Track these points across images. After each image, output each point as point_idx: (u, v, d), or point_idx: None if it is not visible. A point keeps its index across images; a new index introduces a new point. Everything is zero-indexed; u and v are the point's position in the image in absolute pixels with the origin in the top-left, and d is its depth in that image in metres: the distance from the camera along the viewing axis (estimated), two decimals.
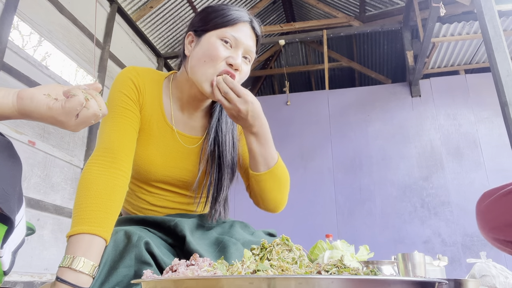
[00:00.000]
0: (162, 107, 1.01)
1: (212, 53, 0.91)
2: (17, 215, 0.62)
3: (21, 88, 2.98)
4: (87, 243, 0.78)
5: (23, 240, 0.69)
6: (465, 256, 3.70)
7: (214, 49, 0.91)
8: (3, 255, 0.62)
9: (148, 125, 1.00)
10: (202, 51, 0.93)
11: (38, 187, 3.05)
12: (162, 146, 1.01)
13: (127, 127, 0.93)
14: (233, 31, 0.93)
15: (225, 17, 0.94)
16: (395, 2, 5.09)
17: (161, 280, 0.52)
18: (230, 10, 0.96)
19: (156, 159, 1.00)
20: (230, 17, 0.94)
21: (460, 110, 4.27)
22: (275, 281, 0.44)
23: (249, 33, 0.96)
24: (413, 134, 4.29)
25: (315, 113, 4.62)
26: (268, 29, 5.63)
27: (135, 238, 0.83)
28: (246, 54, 0.96)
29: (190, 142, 1.04)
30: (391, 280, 0.47)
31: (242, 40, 0.94)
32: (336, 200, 4.19)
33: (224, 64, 0.92)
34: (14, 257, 0.68)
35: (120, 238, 0.85)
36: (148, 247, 0.82)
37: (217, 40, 0.93)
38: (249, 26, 0.97)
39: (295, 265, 0.61)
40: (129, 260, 0.81)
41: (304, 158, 4.44)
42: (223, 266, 0.58)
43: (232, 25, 0.94)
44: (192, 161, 1.04)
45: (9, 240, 0.61)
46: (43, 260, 3.03)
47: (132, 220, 0.99)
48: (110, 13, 4.16)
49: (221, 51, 0.91)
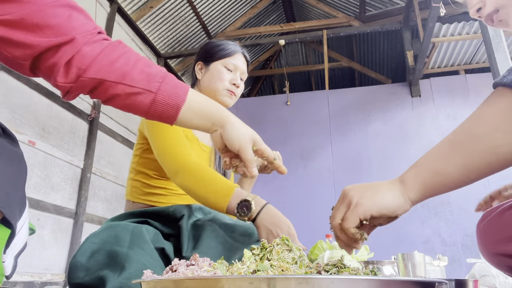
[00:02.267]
0: None
1: (221, 77, 1.30)
2: (20, 219, 0.61)
3: (21, 87, 2.97)
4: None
5: (26, 244, 0.69)
6: (465, 256, 3.70)
7: (221, 74, 1.30)
8: (5, 259, 0.61)
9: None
10: (212, 76, 1.31)
11: (38, 187, 3.05)
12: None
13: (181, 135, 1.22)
14: (232, 60, 1.31)
15: (226, 51, 1.32)
16: (395, 2, 5.09)
17: (161, 280, 0.52)
18: (228, 44, 1.34)
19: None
20: (229, 50, 1.32)
21: (460, 110, 4.27)
22: (275, 281, 0.44)
23: (243, 60, 1.35)
24: (413, 134, 4.29)
25: (315, 113, 4.62)
26: (268, 29, 5.63)
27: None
28: (241, 75, 1.34)
29: (205, 147, 1.33)
30: (391, 280, 0.47)
31: (239, 65, 1.33)
32: (336, 200, 4.18)
33: (228, 84, 1.30)
34: (16, 261, 0.67)
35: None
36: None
37: (222, 67, 1.31)
38: (241, 55, 1.35)
39: (295, 265, 0.61)
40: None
41: (304, 158, 4.44)
42: (223, 266, 0.58)
43: (231, 56, 1.32)
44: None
45: (12, 245, 0.61)
46: (43, 260, 3.03)
47: (132, 214, 1.11)
48: (110, 13, 4.16)
49: (226, 75, 1.31)
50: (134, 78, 0.65)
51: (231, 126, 0.75)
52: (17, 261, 0.67)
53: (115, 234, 0.95)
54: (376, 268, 0.62)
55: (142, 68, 0.66)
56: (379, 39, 6.07)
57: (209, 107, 0.74)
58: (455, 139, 0.58)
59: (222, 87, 1.29)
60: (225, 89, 1.29)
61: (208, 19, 5.41)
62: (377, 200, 0.60)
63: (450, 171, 0.56)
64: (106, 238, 0.94)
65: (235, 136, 0.75)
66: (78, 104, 3.62)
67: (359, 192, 0.62)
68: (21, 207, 0.61)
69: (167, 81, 0.68)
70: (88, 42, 0.61)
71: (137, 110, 0.68)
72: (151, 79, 0.67)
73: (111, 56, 0.64)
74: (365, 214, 0.60)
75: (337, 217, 0.63)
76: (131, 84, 0.65)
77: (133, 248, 0.92)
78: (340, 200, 0.66)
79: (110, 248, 0.91)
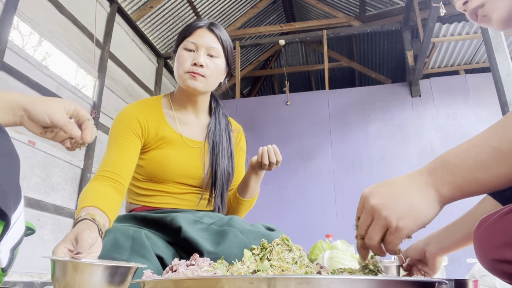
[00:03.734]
0: (167, 122, 1.21)
1: (180, 61, 1.17)
2: (15, 212, 0.61)
3: (21, 87, 2.97)
4: (94, 211, 0.88)
5: (22, 237, 0.69)
6: (465, 256, 3.69)
7: (181, 57, 1.17)
8: (1, 251, 0.61)
9: (162, 138, 1.19)
10: (175, 62, 1.20)
11: (38, 187, 3.05)
12: (176, 150, 1.20)
13: (127, 151, 1.11)
14: (192, 39, 1.17)
15: (186, 31, 1.19)
16: (395, 2, 5.09)
17: (161, 280, 0.52)
18: (191, 24, 1.20)
19: (174, 160, 1.18)
20: (188, 29, 1.19)
21: (460, 110, 4.27)
22: (275, 281, 0.44)
23: (207, 34, 1.18)
24: (413, 134, 4.29)
25: (315, 113, 4.62)
26: (268, 29, 5.63)
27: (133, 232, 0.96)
28: (208, 52, 1.17)
29: (195, 143, 1.24)
30: (391, 280, 0.47)
31: (201, 42, 1.17)
32: (336, 200, 4.19)
33: (189, 65, 1.15)
34: (13, 254, 0.67)
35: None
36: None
37: (181, 50, 1.18)
38: (206, 30, 1.19)
39: (295, 265, 0.61)
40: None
41: (304, 158, 4.44)
42: (223, 266, 0.58)
43: (190, 34, 1.18)
44: (199, 159, 1.23)
45: (7, 237, 0.61)
46: (43, 260, 3.03)
47: (134, 217, 1.09)
48: (110, 13, 4.16)
49: (186, 57, 1.16)
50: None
51: (32, 104, 0.71)
52: (13, 254, 0.67)
53: (115, 241, 0.93)
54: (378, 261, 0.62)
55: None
56: (379, 39, 6.07)
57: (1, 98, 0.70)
58: (499, 147, 0.52)
59: (182, 72, 1.16)
60: (186, 72, 1.15)
61: (208, 19, 5.41)
62: (418, 218, 0.55)
63: (492, 180, 0.52)
64: (105, 245, 0.90)
65: (38, 110, 0.70)
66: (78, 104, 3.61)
67: (394, 210, 0.56)
68: (15, 199, 0.61)
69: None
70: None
71: None
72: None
73: None
74: (408, 234, 0.56)
75: (375, 238, 0.57)
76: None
77: (133, 256, 0.90)
78: (367, 213, 0.59)
79: (110, 256, 0.88)
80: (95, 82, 3.88)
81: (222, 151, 1.25)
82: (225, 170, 1.23)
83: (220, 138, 1.26)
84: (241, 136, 1.38)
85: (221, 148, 1.25)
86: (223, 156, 1.24)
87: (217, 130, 1.27)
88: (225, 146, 1.26)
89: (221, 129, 1.27)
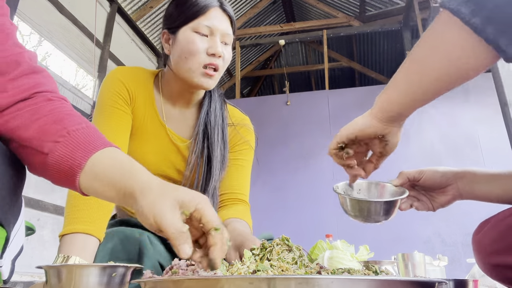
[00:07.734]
0: (155, 105, 1.02)
1: (191, 49, 0.91)
2: (15, 225, 0.60)
3: None
4: (81, 242, 0.79)
5: (22, 247, 0.67)
6: (465, 256, 3.69)
7: (192, 44, 0.91)
8: (3, 264, 0.59)
9: (142, 123, 1.00)
10: (180, 48, 0.93)
11: (38, 187, 3.05)
12: (155, 145, 1.02)
13: (119, 127, 0.93)
14: (205, 20, 0.92)
15: (194, 7, 0.93)
16: (395, 2, 5.09)
17: (161, 280, 0.52)
18: (200, 0, 0.94)
19: (150, 157, 1.01)
20: (199, 5, 0.93)
21: (460, 110, 4.27)
22: (275, 281, 0.44)
23: (222, 17, 0.95)
24: (413, 134, 4.29)
25: (315, 113, 4.62)
26: (268, 29, 5.63)
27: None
28: (223, 39, 0.95)
29: (181, 140, 1.04)
30: (391, 280, 0.47)
31: (217, 26, 0.93)
32: (336, 200, 4.18)
33: (205, 56, 0.92)
34: (14, 265, 0.66)
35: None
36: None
37: (191, 33, 0.92)
38: (220, 10, 0.95)
39: (295, 265, 0.61)
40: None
41: (304, 158, 4.44)
42: (223, 266, 0.58)
43: (203, 13, 0.92)
44: (183, 159, 1.04)
45: (9, 248, 0.60)
46: (43, 260, 3.03)
47: (128, 222, 0.99)
48: (110, 13, 4.16)
49: (199, 44, 0.91)
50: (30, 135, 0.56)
51: (143, 195, 0.52)
52: (14, 265, 0.67)
53: (122, 247, 0.85)
54: (378, 268, 0.62)
55: (43, 124, 0.57)
56: (379, 39, 6.07)
57: (114, 173, 0.55)
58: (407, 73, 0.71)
59: (196, 64, 0.91)
60: (201, 66, 0.91)
61: None
62: (349, 125, 0.77)
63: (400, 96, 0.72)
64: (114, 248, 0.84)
65: (145, 208, 0.51)
66: (78, 104, 3.62)
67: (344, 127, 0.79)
68: (17, 210, 0.59)
69: (69, 140, 0.56)
70: None
71: (41, 173, 0.59)
72: (45, 138, 0.56)
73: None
74: (341, 137, 0.78)
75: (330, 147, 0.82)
76: (24, 143, 0.56)
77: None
78: None
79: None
80: (95, 82, 3.88)
81: (219, 135, 1.04)
82: (220, 156, 1.03)
83: (216, 121, 1.05)
84: (245, 131, 1.18)
85: (217, 131, 1.04)
86: (216, 144, 1.03)
87: (212, 110, 1.06)
88: (220, 131, 1.05)
89: (216, 127, 1.06)
